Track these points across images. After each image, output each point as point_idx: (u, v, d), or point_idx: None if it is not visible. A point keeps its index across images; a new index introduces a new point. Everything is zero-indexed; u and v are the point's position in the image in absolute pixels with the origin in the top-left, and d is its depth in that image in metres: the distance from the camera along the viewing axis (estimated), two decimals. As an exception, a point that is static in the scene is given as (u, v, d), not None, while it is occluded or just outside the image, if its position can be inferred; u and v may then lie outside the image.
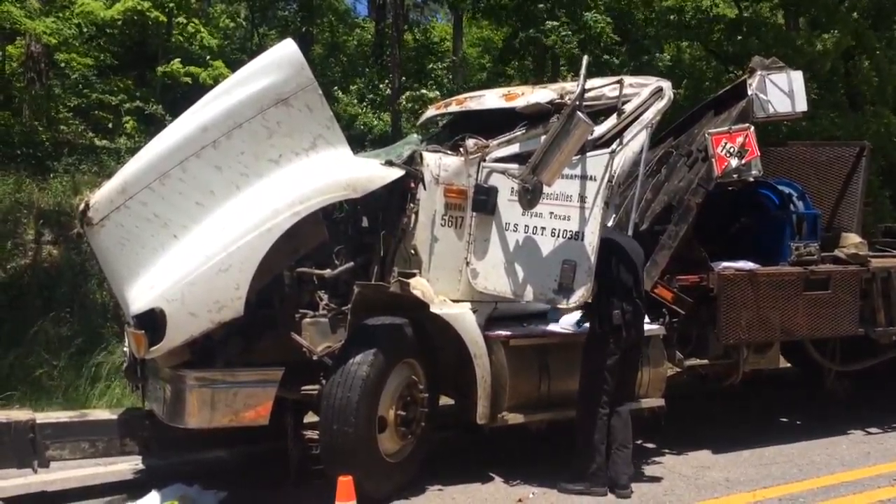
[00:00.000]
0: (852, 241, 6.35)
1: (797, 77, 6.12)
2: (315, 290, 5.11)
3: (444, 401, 5.61)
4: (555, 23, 12.13)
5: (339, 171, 4.81)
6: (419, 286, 4.98)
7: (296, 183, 4.66)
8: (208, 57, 14.64)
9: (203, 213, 4.53)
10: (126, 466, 5.42)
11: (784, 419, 6.87)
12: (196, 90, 10.71)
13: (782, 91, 6.06)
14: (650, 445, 5.91)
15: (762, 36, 14.13)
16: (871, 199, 11.64)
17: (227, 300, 4.36)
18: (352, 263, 5.16)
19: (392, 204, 5.21)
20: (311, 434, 5.20)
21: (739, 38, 14.81)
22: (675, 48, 16.37)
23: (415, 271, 5.11)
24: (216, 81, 10.11)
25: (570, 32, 11.99)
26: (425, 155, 5.22)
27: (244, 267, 4.38)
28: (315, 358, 4.76)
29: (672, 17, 15.68)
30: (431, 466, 5.12)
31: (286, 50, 4.84)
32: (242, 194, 4.60)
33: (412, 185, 5.13)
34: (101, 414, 5.55)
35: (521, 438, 5.54)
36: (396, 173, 4.99)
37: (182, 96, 11.87)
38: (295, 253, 4.83)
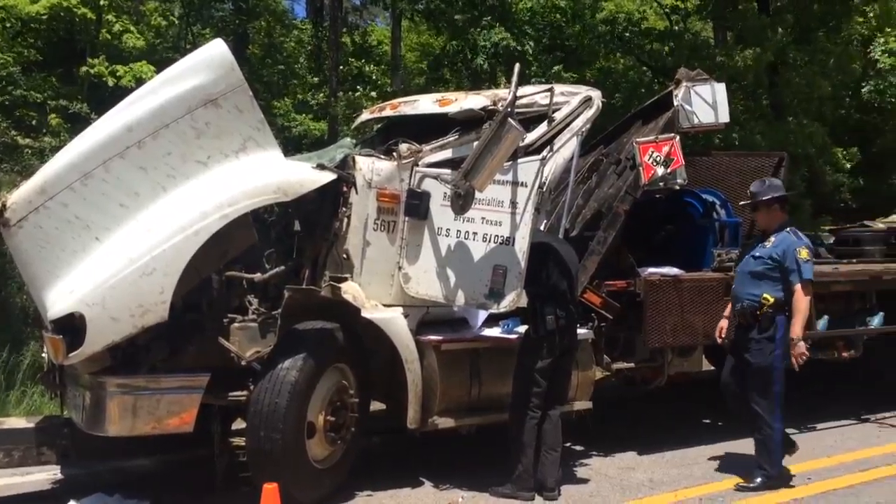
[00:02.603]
0: (771, 248, 6.56)
1: (720, 89, 6.32)
2: (244, 294, 5.05)
3: (376, 406, 5.61)
4: (484, 42, 12.28)
5: (270, 174, 4.76)
6: (351, 291, 4.96)
7: (225, 185, 4.59)
8: (134, 56, 14.30)
9: (127, 216, 4.43)
10: (43, 476, 5.23)
11: (707, 420, 7.08)
12: (123, 90, 10.45)
13: (706, 102, 6.24)
14: (578, 447, 6.01)
15: (681, 48, 14.60)
16: (789, 207, 12.11)
17: (151, 304, 4.26)
18: (283, 267, 5.11)
19: (324, 208, 5.19)
20: (239, 441, 5.11)
21: (667, 50, 15.25)
22: (609, 59, 16.73)
23: (347, 276, 5.08)
24: (140, 82, 9.88)
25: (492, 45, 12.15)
26: (358, 159, 5.21)
27: (169, 270, 4.29)
28: (243, 363, 4.70)
29: (604, 28, 16.02)
30: (361, 472, 5.10)
31: (216, 50, 4.77)
32: (168, 196, 4.52)
33: (345, 188, 5.11)
34: (17, 422, 5.38)
35: (453, 442, 5.57)
36: (328, 177, 4.96)
37: (110, 95, 11.56)
38: (223, 256, 4.77)
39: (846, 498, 5.00)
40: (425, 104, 5.95)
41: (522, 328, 5.26)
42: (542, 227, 5.59)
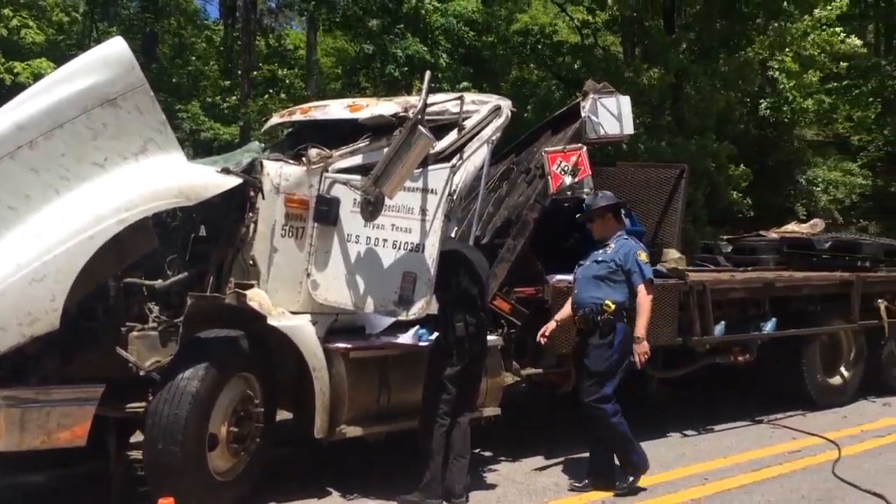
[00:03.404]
0: (672, 256, 6.82)
1: (626, 102, 6.52)
2: (144, 301, 4.89)
3: (286, 415, 5.51)
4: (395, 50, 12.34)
5: (171, 178, 4.60)
6: (257, 298, 4.85)
7: (123, 188, 4.41)
8: (34, 52, 13.65)
9: (16, 219, 4.19)
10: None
11: (613, 424, 7.23)
12: (21, 87, 9.94)
13: (612, 114, 6.42)
14: (487, 453, 6.06)
15: (592, 63, 15.04)
16: (690, 217, 12.64)
17: (41, 312, 4.05)
18: (185, 274, 4.96)
19: (230, 213, 5.05)
20: (137, 454, 4.92)
21: (578, 64, 15.68)
22: (522, 70, 17.06)
23: (253, 282, 4.96)
24: (39, 79, 9.43)
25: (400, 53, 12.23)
26: (266, 163, 5.11)
27: (61, 277, 4.08)
28: (142, 373, 4.54)
29: (518, 39, 16.32)
30: (267, 483, 4.99)
31: (115, 48, 4.60)
32: (62, 199, 4.30)
33: (251, 193, 5.00)
34: None
35: (362, 451, 5.52)
36: (233, 181, 4.84)
37: (7, 93, 10.98)
38: (121, 262, 4.59)
39: (740, 497, 5.20)
40: (336, 109, 5.91)
41: (434, 335, 5.27)
42: (452, 235, 5.62)
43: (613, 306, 5.21)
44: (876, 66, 22.56)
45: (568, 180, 6.13)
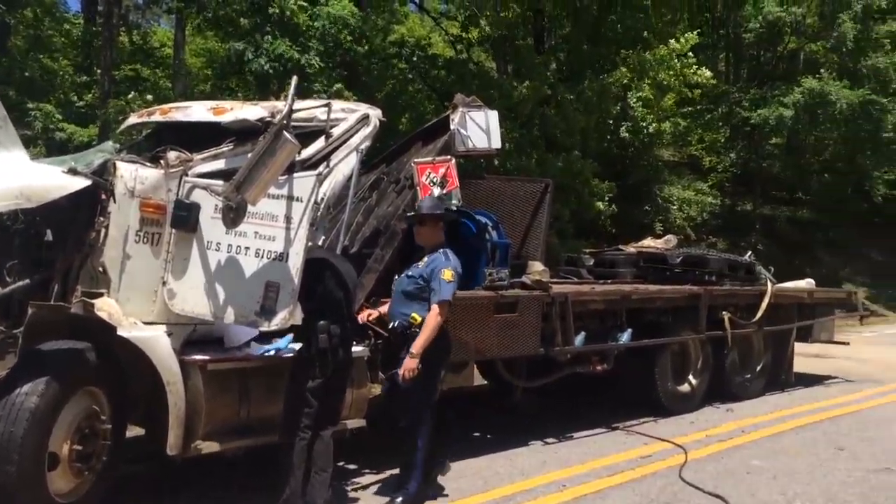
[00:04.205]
0: (537, 268, 7.01)
1: (493, 116, 6.67)
2: (-21, 309, 4.50)
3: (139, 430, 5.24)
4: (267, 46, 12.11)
5: (11, 178, 4.29)
6: (106, 307, 4.56)
7: (-45, 188, 4.07)
8: None
9: None
10: None
11: (477, 434, 7.35)
12: None
13: (480, 128, 6.56)
14: (351, 466, 5.98)
15: (465, 77, 15.36)
16: (556, 231, 13.11)
17: None
18: (27, 281, 4.63)
19: (79, 216, 4.76)
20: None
21: (452, 78, 15.94)
22: (397, 81, 17.13)
23: (102, 291, 4.68)
24: None
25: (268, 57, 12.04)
26: (119, 165, 4.83)
27: None
28: (-26, 388, 4.17)
29: (394, 50, 16.40)
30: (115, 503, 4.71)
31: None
32: None
33: (103, 196, 4.73)
34: None
35: (219, 466, 5.31)
36: (80, 183, 4.56)
37: None
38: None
39: (595, 502, 5.39)
40: (199, 111, 5.68)
41: (297, 346, 5.16)
42: (320, 244, 5.54)
43: (420, 319, 5.15)
44: (725, 93, 24.35)
45: (436, 191, 6.20)
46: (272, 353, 5.23)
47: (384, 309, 5.56)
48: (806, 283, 10.94)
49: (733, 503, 5.38)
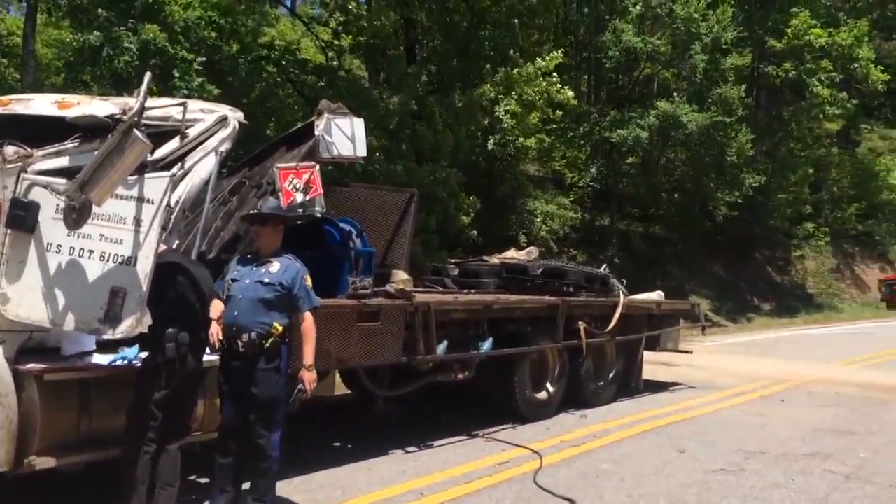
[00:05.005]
0: (400, 277, 7.03)
1: (359, 124, 6.62)
2: None
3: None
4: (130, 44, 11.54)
5: None
6: (-73, 312, 4.18)
7: None
8: None
9: None
10: None
11: (337, 443, 7.26)
12: None
13: (346, 135, 6.50)
14: (203, 480, 5.74)
15: (336, 84, 15.28)
16: (421, 241, 13.22)
17: None
18: None
19: None
20: None
21: (323, 84, 15.80)
22: (266, 84, 16.77)
23: (-76, 295, 4.29)
24: None
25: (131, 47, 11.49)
26: (-53, 159, 4.45)
27: None
28: None
29: (263, 52, 16.06)
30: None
31: None
32: None
33: (-75, 192, 4.33)
34: None
35: (56, 483, 4.96)
36: None
37: None
38: None
39: (452, 509, 5.47)
40: (42, 104, 5.29)
41: (143, 355, 4.90)
42: (174, 248, 5.30)
43: (281, 328, 4.95)
44: (586, 113, 25.55)
45: (299, 197, 6.09)
46: (119, 362, 4.95)
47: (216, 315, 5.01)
48: (656, 295, 11.57)
49: (583, 506, 5.60)
